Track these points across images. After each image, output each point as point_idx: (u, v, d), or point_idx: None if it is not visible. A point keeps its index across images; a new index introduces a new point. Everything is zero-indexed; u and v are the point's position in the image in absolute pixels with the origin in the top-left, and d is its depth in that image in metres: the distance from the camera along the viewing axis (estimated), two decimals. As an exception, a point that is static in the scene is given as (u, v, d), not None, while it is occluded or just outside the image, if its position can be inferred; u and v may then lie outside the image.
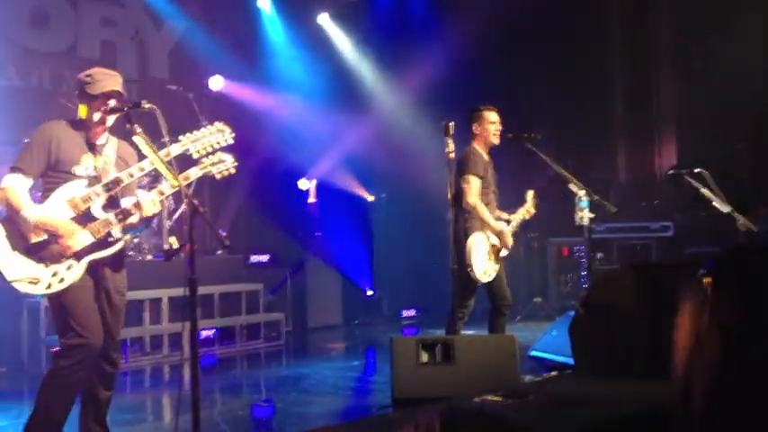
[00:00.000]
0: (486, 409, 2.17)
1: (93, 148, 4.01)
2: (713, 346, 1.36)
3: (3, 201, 3.81)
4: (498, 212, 6.32)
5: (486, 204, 6.08)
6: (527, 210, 6.35)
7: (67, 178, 3.89)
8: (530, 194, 6.43)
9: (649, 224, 9.62)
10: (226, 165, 4.09)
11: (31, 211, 3.76)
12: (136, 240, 7.96)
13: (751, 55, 9.18)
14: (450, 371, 4.88)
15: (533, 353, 6.41)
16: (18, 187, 3.82)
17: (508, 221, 6.24)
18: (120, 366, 4.15)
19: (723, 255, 1.45)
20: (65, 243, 3.76)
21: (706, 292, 1.36)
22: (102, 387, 4.05)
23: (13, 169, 3.86)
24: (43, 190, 3.93)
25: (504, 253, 6.17)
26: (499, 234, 6.03)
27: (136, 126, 3.77)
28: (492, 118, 6.18)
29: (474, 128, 6.21)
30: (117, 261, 4.06)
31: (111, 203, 3.98)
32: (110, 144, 4.10)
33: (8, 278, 3.73)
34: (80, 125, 4.02)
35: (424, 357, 4.95)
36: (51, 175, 3.91)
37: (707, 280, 1.37)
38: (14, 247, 3.75)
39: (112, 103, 3.94)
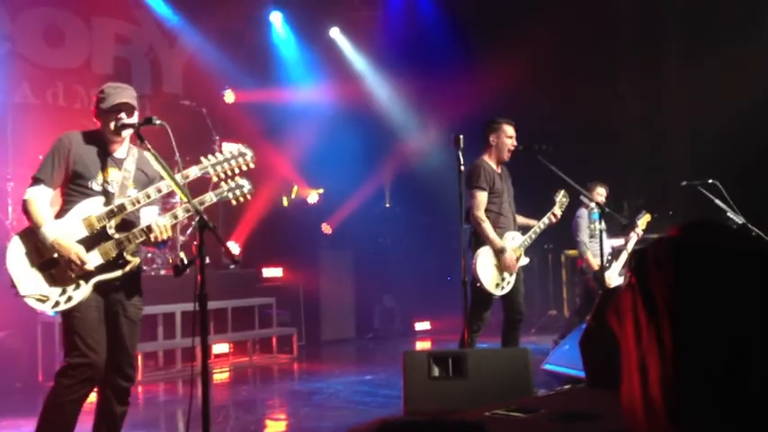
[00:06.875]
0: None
1: (111, 161, 3.98)
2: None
3: (25, 212, 3.83)
4: (521, 218, 6.29)
5: (500, 215, 6.04)
6: (553, 213, 6.14)
7: (86, 193, 3.88)
8: (560, 194, 6.21)
9: (663, 236, 9.55)
10: (242, 190, 4.04)
11: (50, 231, 3.75)
12: (149, 255, 7.98)
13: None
14: (462, 384, 4.84)
15: (547, 366, 6.37)
16: (40, 200, 3.81)
17: (528, 228, 6.13)
18: (134, 380, 4.12)
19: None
20: (74, 268, 3.75)
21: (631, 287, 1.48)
22: (116, 402, 4.01)
23: (35, 180, 3.86)
24: (61, 203, 3.92)
25: (523, 262, 6.09)
26: (499, 251, 5.88)
27: (146, 143, 3.79)
28: (509, 132, 6.11)
29: (491, 139, 6.13)
30: (129, 280, 3.99)
31: (126, 223, 3.96)
32: (130, 157, 4.05)
33: (21, 292, 3.76)
34: (97, 138, 3.98)
35: (436, 371, 4.93)
36: (69, 189, 3.90)
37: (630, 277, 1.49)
38: (31, 263, 3.77)
39: (123, 116, 3.89)
